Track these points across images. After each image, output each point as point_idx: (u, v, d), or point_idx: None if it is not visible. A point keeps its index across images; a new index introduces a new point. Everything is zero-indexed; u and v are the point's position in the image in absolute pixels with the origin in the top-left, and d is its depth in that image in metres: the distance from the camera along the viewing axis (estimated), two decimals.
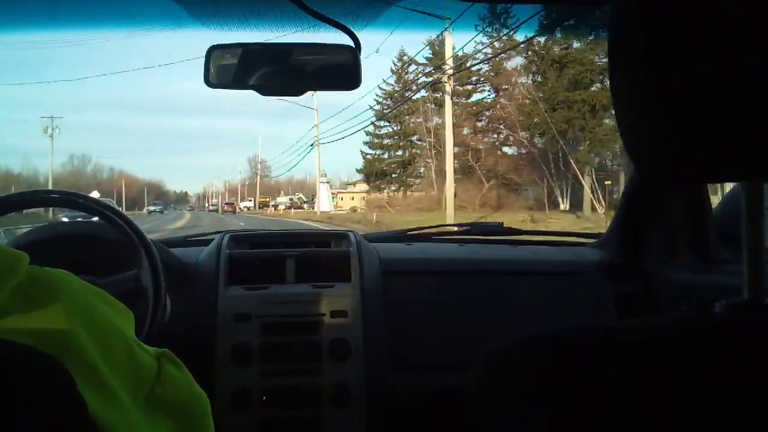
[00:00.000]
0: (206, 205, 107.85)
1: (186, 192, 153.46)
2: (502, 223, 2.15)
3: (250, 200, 79.10)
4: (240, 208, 71.00)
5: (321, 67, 1.51)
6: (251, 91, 1.51)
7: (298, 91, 1.53)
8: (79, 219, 1.92)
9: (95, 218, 1.57)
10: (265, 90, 1.53)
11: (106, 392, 0.58)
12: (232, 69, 1.50)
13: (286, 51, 1.49)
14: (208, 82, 1.49)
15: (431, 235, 2.15)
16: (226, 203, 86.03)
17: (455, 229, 2.21)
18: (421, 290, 1.80)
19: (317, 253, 1.84)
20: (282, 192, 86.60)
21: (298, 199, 76.58)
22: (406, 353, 1.75)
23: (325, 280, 1.74)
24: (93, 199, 1.52)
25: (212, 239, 1.92)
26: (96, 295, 0.65)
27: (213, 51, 1.49)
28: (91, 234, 1.63)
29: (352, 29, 1.45)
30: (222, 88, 1.52)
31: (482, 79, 34.57)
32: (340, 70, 1.50)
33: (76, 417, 0.51)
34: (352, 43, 1.46)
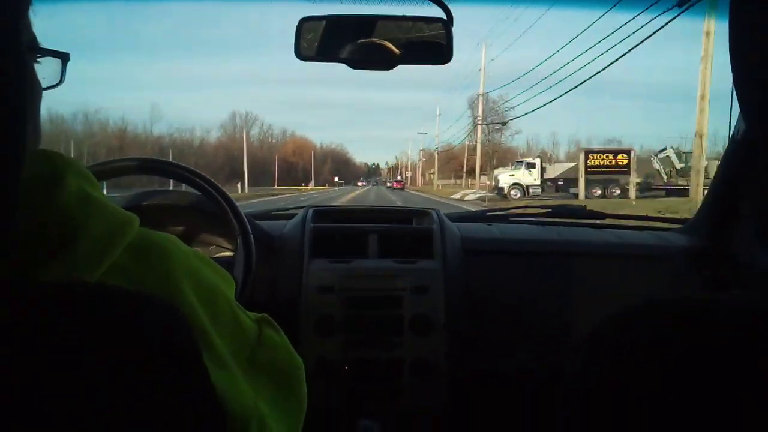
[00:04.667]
0: (388, 180, 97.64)
1: (377, 164, 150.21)
2: (585, 206, 2.10)
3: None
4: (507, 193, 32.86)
5: (412, 41, 1.49)
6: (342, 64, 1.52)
7: (388, 65, 1.52)
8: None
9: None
10: (355, 63, 1.53)
11: (214, 353, 0.59)
12: (323, 41, 1.51)
13: (376, 23, 1.49)
14: (299, 54, 1.50)
15: (511, 216, 2.13)
16: (395, 180, 78.06)
17: (536, 210, 2.17)
18: (503, 270, 1.79)
19: (400, 229, 1.84)
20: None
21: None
22: (489, 333, 1.74)
23: (407, 257, 1.74)
24: (200, 175, 1.56)
25: (296, 213, 1.95)
26: (201, 260, 0.66)
27: (304, 23, 1.50)
28: (191, 205, 1.67)
29: (445, 1, 1.44)
30: (312, 60, 1.52)
31: None
32: (431, 44, 1.48)
33: (194, 366, 0.51)
34: (444, 16, 1.45)
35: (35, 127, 0.62)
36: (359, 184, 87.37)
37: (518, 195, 32.50)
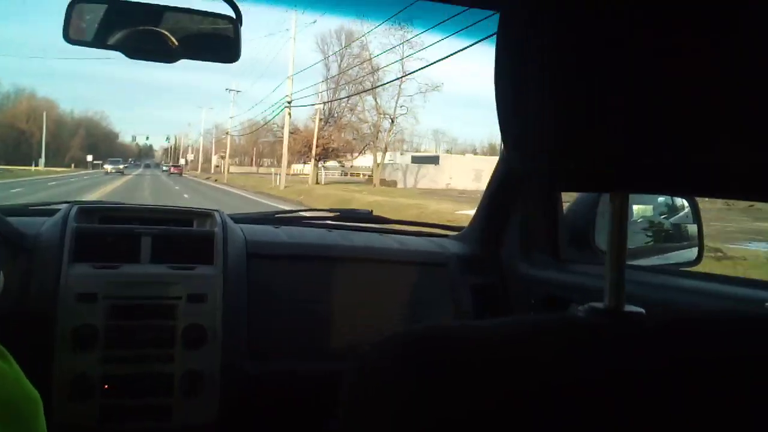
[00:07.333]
0: (164, 164, 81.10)
1: (150, 145, 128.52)
2: (372, 210, 2.16)
3: None
4: None
5: (197, 35, 1.42)
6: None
7: (169, 58, 1.42)
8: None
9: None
10: (132, 52, 1.41)
11: None
12: (97, 26, 1.37)
13: (158, 13, 1.39)
14: (67, 38, 1.36)
15: (300, 219, 2.12)
16: (172, 165, 67.52)
17: (325, 213, 2.18)
18: (287, 275, 1.76)
19: (178, 232, 1.73)
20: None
21: None
22: (269, 340, 1.70)
23: (185, 261, 1.65)
24: None
25: (58, 209, 1.76)
26: None
27: (75, 4, 1.35)
28: None
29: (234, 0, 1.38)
30: (83, 45, 1.38)
31: None
32: (218, 41, 1.42)
33: None
34: (233, 14, 1.39)
35: None
36: (107, 167, 54.70)
37: None
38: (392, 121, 39.02)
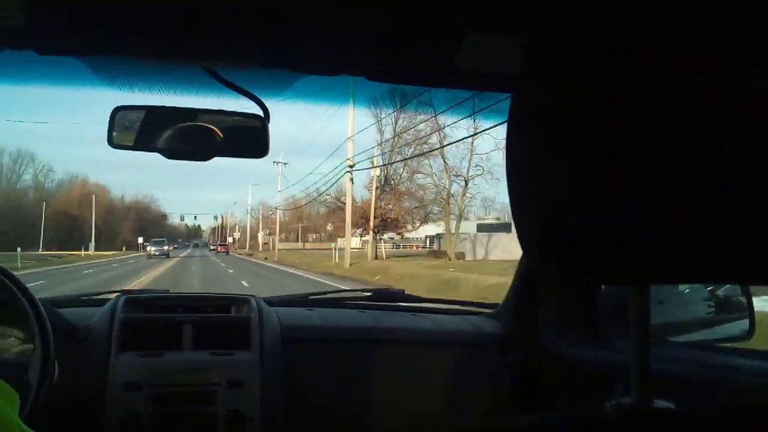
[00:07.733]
0: (211, 243, 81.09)
1: (199, 225, 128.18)
2: (404, 290, 2.18)
3: None
4: None
5: (229, 134, 1.51)
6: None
7: (204, 156, 1.52)
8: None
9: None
10: (170, 153, 1.51)
11: None
12: (137, 130, 1.49)
13: (193, 116, 1.49)
14: (111, 143, 1.47)
15: (333, 300, 2.15)
16: (219, 244, 64.43)
17: (357, 294, 2.22)
18: (322, 359, 1.79)
19: (216, 318, 1.79)
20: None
21: None
22: (306, 424, 1.72)
23: (223, 347, 1.70)
24: None
25: (107, 299, 1.85)
26: None
27: (118, 112, 1.47)
28: None
29: (261, 99, 1.47)
30: (125, 149, 1.49)
31: None
32: (248, 138, 1.51)
33: None
34: (261, 112, 1.48)
35: None
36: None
37: None
38: (466, 183, 33.43)
